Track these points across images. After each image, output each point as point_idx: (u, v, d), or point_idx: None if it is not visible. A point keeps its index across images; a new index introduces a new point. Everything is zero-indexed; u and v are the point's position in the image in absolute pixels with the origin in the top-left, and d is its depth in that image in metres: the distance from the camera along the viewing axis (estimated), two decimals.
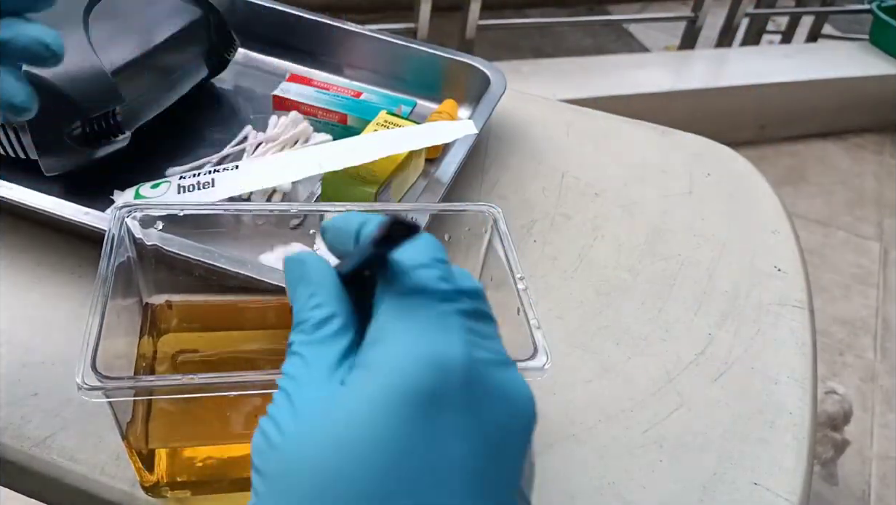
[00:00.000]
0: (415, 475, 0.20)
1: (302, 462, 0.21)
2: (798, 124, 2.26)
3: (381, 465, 0.20)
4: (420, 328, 0.22)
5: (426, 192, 0.59)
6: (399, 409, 0.21)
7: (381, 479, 0.20)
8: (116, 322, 0.36)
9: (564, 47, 2.54)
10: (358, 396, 0.22)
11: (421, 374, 0.21)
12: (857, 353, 1.65)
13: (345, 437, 0.21)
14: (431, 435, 0.21)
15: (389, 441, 0.21)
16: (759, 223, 0.68)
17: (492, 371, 0.23)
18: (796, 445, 0.49)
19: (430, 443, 0.21)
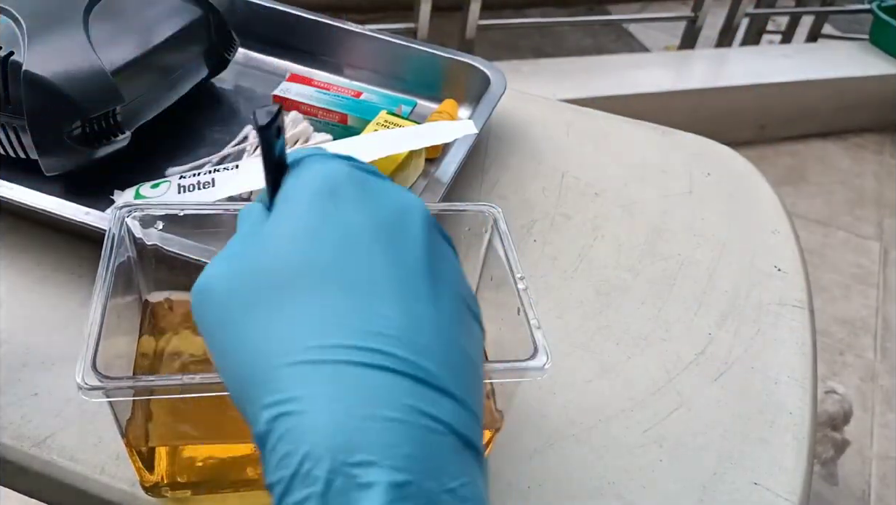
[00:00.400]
0: (335, 240, 0.26)
1: (248, 267, 0.27)
2: (798, 124, 2.26)
3: (309, 237, 0.26)
4: (307, 168, 0.29)
5: (426, 191, 0.59)
6: (311, 203, 0.27)
7: (315, 248, 0.26)
8: (116, 322, 0.36)
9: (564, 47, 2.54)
10: (283, 210, 0.28)
11: (315, 180, 0.28)
12: (857, 352, 1.65)
13: (281, 231, 0.27)
14: (337, 213, 0.27)
15: (310, 221, 0.26)
16: (759, 223, 0.68)
17: (374, 179, 0.29)
18: (796, 444, 0.49)
19: (338, 216, 0.26)
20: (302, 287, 0.25)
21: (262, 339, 0.25)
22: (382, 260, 0.26)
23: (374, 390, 0.23)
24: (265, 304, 0.25)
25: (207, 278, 0.28)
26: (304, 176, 0.28)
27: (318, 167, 0.28)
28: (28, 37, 0.52)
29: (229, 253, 0.29)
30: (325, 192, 0.27)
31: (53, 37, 0.53)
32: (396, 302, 0.25)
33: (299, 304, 0.25)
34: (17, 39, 0.52)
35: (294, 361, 0.23)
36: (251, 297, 0.26)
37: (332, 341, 0.23)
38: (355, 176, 0.28)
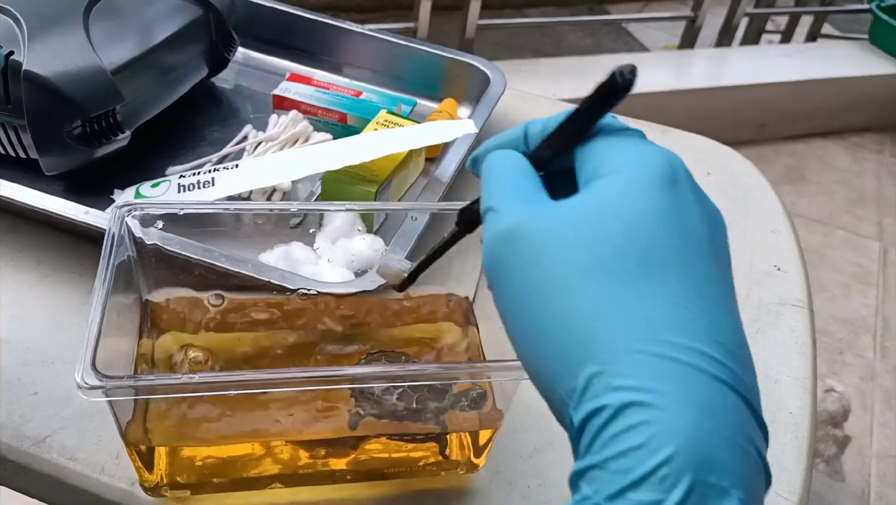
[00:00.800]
0: (682, 238, 0.25)
1: (599, 239, 0.24)
2: (798, 124, 2.26)
3: (664, 228, 0.24)
4: (640, 146, 0.27)
5: (426, 191, 0.59)
6: (660, 190, 0.25)
7: (665, 239, 0.24)
8: (116, 321, 0.36)
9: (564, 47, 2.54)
10: (625, 187, 0.25)
11: (660, 164, 0.26)
12: (857, 352, 1.65)
13: (631, 211, 0.25)
14: (681, 204, 0.25)
15: (663, 211, 0.25)
16: (759, 222, 0.68)
17: (695, 182, 0.27)
18: (796, 444, 0.49)
19: (683, 210, 0.25)
20: (657, 274, 0.24)
21: (612, 312, 0.23)
22: (715, 267, 0.25)
23: (728, 411, 0.22)
24: (619, 275, 0.24)
25: (521, 226, 0.26)
26: (642, 153, 0.26)
27: (656, 150, 0.27)
28: (28, 36, 0.52)
29: (534, 201, 0.27)
30: (669, 179, 0.25)
31: (53, 36, 0.53)
32: (729, 314, 0.24)
33: (657, 288, 0.23)
34: (17, 39, 0.52)
35: (650, 351, 0.22)
36: (595, 265, 0.24)
37: (684, 341, 0.22)
38: (686, 168, 0.27)
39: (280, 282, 0.46)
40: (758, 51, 2.35)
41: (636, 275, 0.24)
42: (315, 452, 0.41)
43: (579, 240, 0.24)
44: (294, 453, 0.41)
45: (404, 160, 0.60)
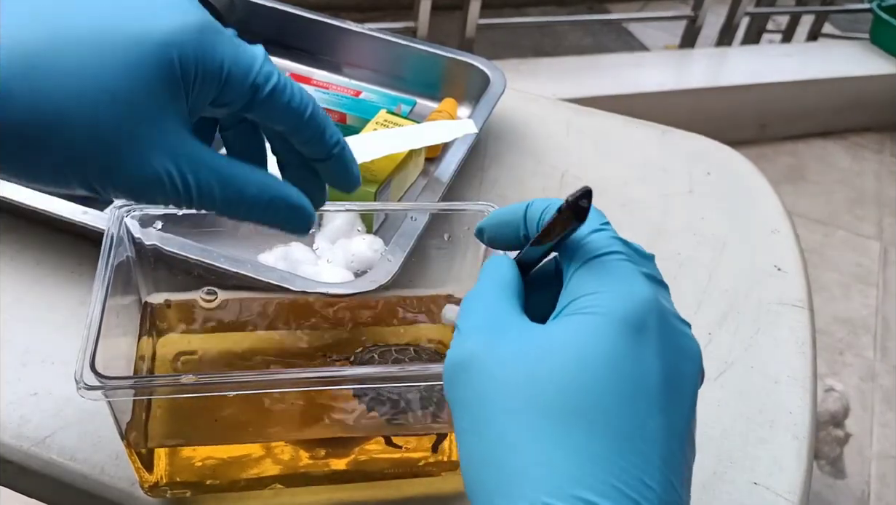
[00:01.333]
0: (627, 384, 0.25)
1: (533, 376, 0.25)
2: (798, 123, 2.25)
3: (603, 375, 0.25)
4: (617, 281, 0.27)
5: (426, 191, 0.59)
6: (619, 336, 0.25)
7: (602, 386, 0.25)
8: (116, 322, 0.36)
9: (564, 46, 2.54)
10: (586, 329, 0.26)
11: (628, 310, 0.26)
12: (857, 352, 1.65)
13: (573, 356, 0.25)
14: (638, 353, 0.25)
15: (615, 359, 0.25)
16: (760, 222, 0.68)
17: (673, 320, 0.27)
18: (796, 444, 0.49)
19: (638, 360, 0.25)
20: (584, 423, 0.24)
21: (532, 457, 0.24)
22: (661, 423, 0.25)
23: None
24: (542, 420, 0.24)
25: (474, 354, 0.27)
26: (610, 287, 0.26)
27: (629, 286, 0.27)
28: None
29: (499, 324, 0.27)
30: (633, 325, 0.26)
31: None
32: (661, 474, 0.24)
33: (577, 441, 0.24)
34: None
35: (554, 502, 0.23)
36: (528, 404, 0.25)
37: (597, 499, 0.23)
38: (660, 308, 0.27)
39: (279, 282, 0.46)
40: (758, 50, 2.35)
41: (565, 423, 0.24)
42: (315, 452, 0.41)
43: (520, 380, 0.25)
44: (294, 454, 0.41)
45: (404, 160, 0.60)
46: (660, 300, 0.27)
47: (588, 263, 0.28)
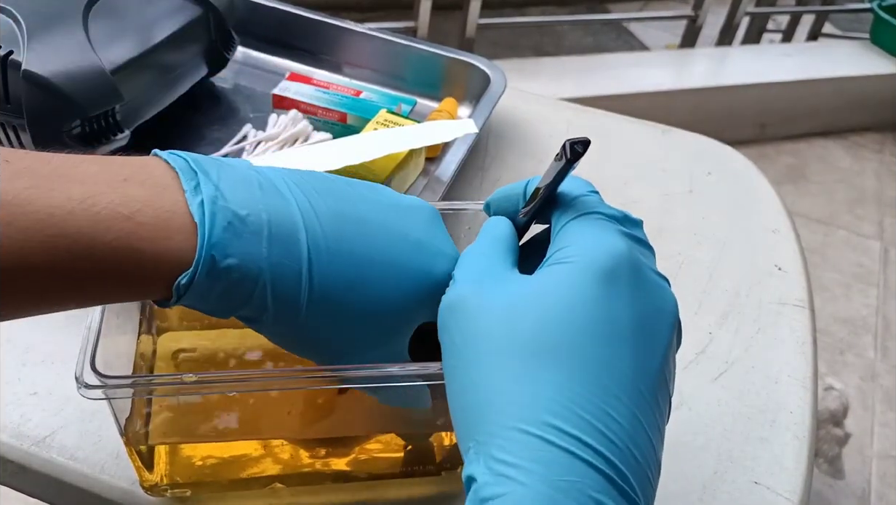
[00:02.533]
0: (598, 326, 0.27)
1: (512, 318, 0.28)
2: (799, 123, 2.25)
3: (575, 317, 0.27)
4: (594, 235, 0.30)
5: (426, 190, 0.59)
6: (591, 283, 0.28)
7: (574, 327, 0.27)
8: (116, 321, 0.36)
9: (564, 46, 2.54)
10: (561, 276, 0.28)
11: (603, 259, 0.28)
12: (858, 351, 1.65)
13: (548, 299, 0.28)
14: (609, 298, 0.28)
15: (586, 303, 0.27)
16: (760, 222, 0.68)
17: (649, 273, 0.30)
18: (797, 443, 0.49)
19: (610, 305, 0.28)
20: (557, 360, 0.26)
21: (509, 390, 0.26)
22: (630, 364, 0.27)
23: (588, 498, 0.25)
24: (519, 358, 0.27)
25: (464, 299, 0.29)
26: (594, 245, 0.29)
27: (605, 239, 0.29)
28: (27, 36, 0.52)
29: (490, 274, 0.30)
30: (606, 274, 0.28)
31: (53, 36, 0.53)
32: (627, 409, 0.26)
33: (549, 376, 0.26)
34: (16, 38, 0.52)
35: (527, 431, 0.25)
36: (507, 343, 0.27)
37: (566, 426, 0.25)
38: (633, 260, 0.29)
39: None
40: (759, 50, 2.35)
41: (539, 360, 0.27)
42: (315, 451, 0.41)
43: (501, 323, 0.28)
44: (294, 453, 0.41)
45: (404, 160, 0.60)
46: (634, 254, 0.29)
47: (572, 221, 0.31)
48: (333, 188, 0.33)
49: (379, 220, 0.33)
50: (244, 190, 0.30)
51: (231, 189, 0.30)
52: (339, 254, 0.31)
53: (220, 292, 0.29)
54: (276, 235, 0.30)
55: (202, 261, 0.28)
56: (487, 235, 0.33)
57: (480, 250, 0.32)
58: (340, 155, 0.56)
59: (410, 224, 0.34)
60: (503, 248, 0.32)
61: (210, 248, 0.28)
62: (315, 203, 0.31)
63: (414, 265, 0.33)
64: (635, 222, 0.32)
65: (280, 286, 0.30)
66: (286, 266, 0.30)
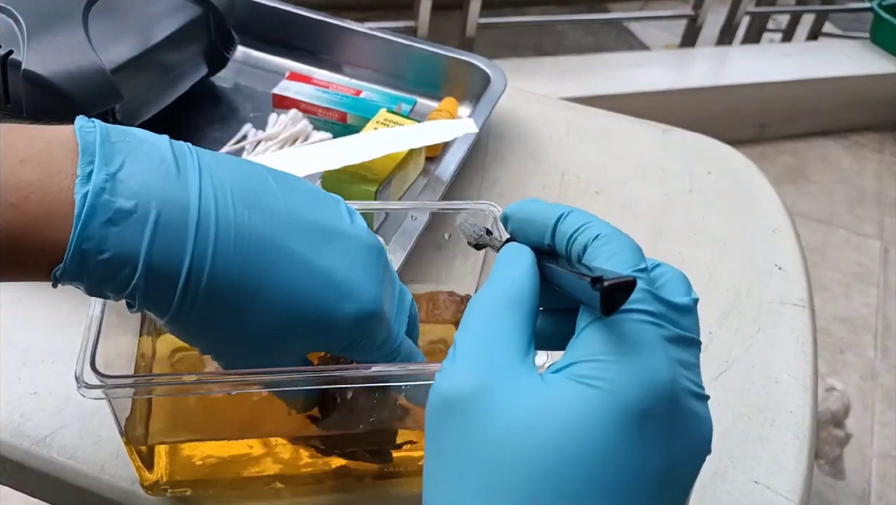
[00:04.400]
0: (619, 479, 0.23)
1: (516, 447, 0.23)
2: (799, 123, 2.25)
3: (595, 466, 0.23)
4: (633, 353, 0.24)
5: (426, 190, 0.59)
6: (616, 422, 0.23)
7: (592, 478, 0.23)
8: (116, 321, 0.36)
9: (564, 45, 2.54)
10: (585, 406, 0.23)
11: (636, 394, 0.23)
12: (858, 351, 1.65)
13: (564, 436, 0.23)
14: (638, 447, 0.23)
15: (605, 447, 0.23)
16: (760, 222, 0.68)
17: (689, 401, 0.25)
18: (797, 443, 0.49)
19: (636, 454, 0.23)
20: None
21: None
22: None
23: None
24: (519, 492, 0.23)
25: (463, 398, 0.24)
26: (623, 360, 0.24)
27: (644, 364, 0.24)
28: (27, 35, 0.52)
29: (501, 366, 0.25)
30: (640, 415, 0.23)
31: (53, 35, 0.53)
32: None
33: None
34: (16, 38, 0.52)
35: None
36: (507, 479, 0.23)
37: None
38: (673, 395, 0.24)
39: None
40: (759, 50, 2.35)
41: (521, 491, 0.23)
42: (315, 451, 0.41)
43: (505, 447, 0.23)
44: (294, 452, 0.41)
45: (404, 159, 0.60)
46: (677, 382, 0.24)
47: (617, 328, 0.24)
48: (262, 202, 0.31)
49: (291, 246, 0.31)
50: (145, 176, 0.29)
51: (130, 175, 0.29)
52: (228, 266, 0.29)
53: (96, 281, 0.29)
54: (163, 234, 0.28)
55: (71, 255, 0.28)
56: (505, 287, 0.27)
57: (493, 312, 0.26)
58: (340, 155, 0.56)
59: (335, 257, 0.32)
60: (521, 314, 0.26)
61: (82, 241, 0.27)
62: (222, 209, 0.30)
63: (313, 301, 0.31)
64: (683, 310, 0.27)
65: (154, 284, 0.29)
66: (165, 263, 0.28)
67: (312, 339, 0.32)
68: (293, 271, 0.31)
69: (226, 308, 0.30)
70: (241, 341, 0.31)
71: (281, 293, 0.31)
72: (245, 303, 0.30)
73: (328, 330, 0.32)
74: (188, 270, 0.29)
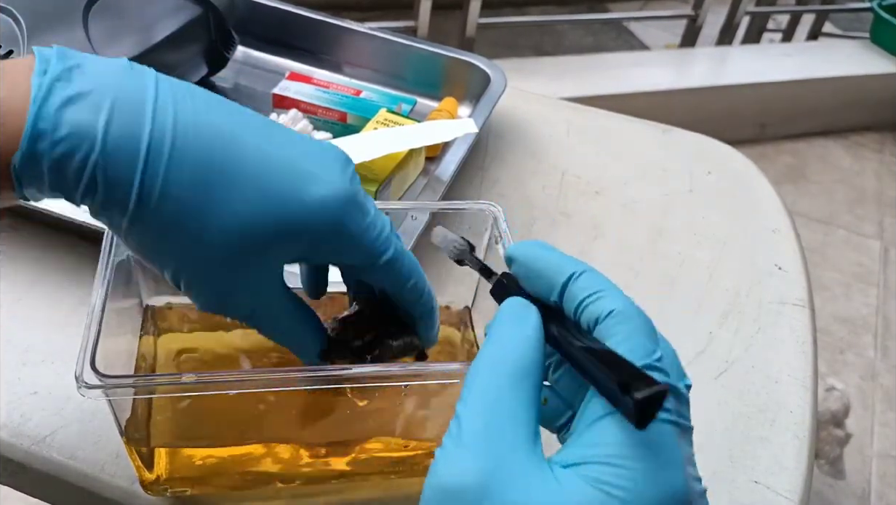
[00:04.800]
0: None
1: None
2: (799, 123, 2.25)
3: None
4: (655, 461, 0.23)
5: (426, 190, 0.59)
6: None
7: None
8: (116, 321, 0.36)
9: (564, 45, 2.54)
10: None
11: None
12: (858, 351, 1.65)
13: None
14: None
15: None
16: (760, 222, 0.68)
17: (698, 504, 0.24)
18: (797, 443, 0.49)
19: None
20: None
21: None
22: None
23: None
24: None
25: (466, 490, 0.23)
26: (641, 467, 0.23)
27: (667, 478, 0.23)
28: (27, 35, 0.52)
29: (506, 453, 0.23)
30: None
31: (53, 35, 0.53)
32: None
33: None
34: (16, 38, 0.52)
35: None
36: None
37: None
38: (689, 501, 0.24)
39: None
40: (759, 49, 2.35)
41: None
42: (315, 451, 0.41)
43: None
44: (294, 453, 0.41)
45: (404, 159, 0.60)
46: (691, 488, 0.24)
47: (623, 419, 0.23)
48: (221, 102, 0.31)
49: (251, 138, 0.30)
50: (102, 70, 0.29)
51: (87, 69, 0.29)
52: (187, 149, 0.28)
53: (55, 167, 0.27)
54: (119, 113, 0.28)
55: (28, 137, 0.27)
56: (512, 361, 0.25)
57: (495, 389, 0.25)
58: None
59: (298, 149, 0.31)
60: (528, 395, 0.25)
61: (38, 121, 0.27)
62: (181, 100, 0.29)
63: (278, 185, 0.29)
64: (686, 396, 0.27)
65: (114, 165, 0.28)
66: (122, 145, 0.28)
67: (284, 239, 0.30)
68: (255, 159, 0.30)
69: (189, 199, 0.29)
70: (207, 244, 0.29)
71: (244, 179, 0.29)
72: (208, 191, 0.29)
73: (298, 222, 0.30)
74: (146, 151, 0.28)
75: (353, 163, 0.33)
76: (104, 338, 0.34)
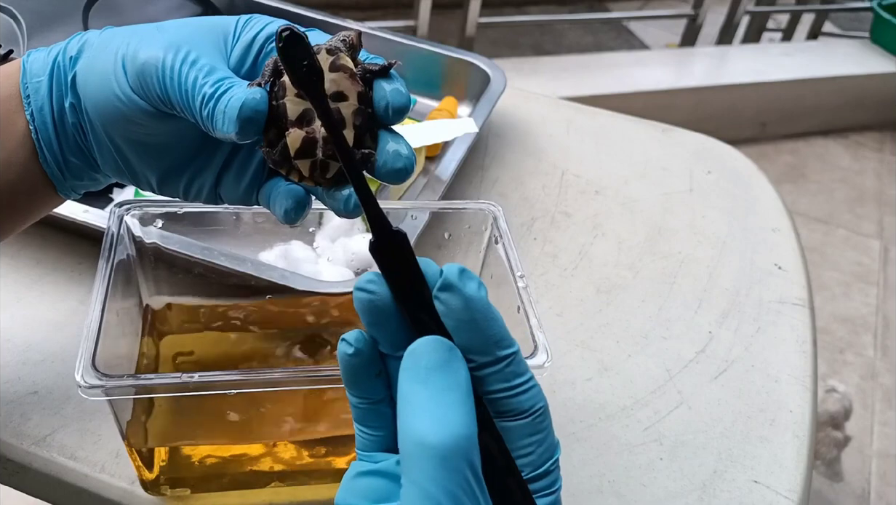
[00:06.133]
0: None
1: None
2: (798, 122, 2.25)
3: None
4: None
5: (426, 189, 0.59)
6: None
7: None
8: (117, 321, 0.36)
9: (564, 45, 2.54)
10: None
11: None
12: (858, 350, 1.65)
13: None
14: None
15: None
16: (760, 221, 0.68)
17: None
18: (797, 443, 0.49)
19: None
20: None
21: None
22: None
23: None
24: None
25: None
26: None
27: None
28: (27, 35, 0.52)
29: None
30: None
31: (53, 35, 0.53)
32: None
33: None
34: (16, 38, 0.52)
35: None
36: None
37: None
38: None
39: (280, 281, 0.46)
40: (759, 49, 2.35)
41: None
42: (315, 450, 0.41)
43: None
44: (294, 452, 0.41)
45: None
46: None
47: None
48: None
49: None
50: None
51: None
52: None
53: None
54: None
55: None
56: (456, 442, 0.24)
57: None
58: None
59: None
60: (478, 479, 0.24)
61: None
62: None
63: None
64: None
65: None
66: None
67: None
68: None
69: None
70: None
71: None
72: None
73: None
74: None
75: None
76: (105, 338, 0.34)
